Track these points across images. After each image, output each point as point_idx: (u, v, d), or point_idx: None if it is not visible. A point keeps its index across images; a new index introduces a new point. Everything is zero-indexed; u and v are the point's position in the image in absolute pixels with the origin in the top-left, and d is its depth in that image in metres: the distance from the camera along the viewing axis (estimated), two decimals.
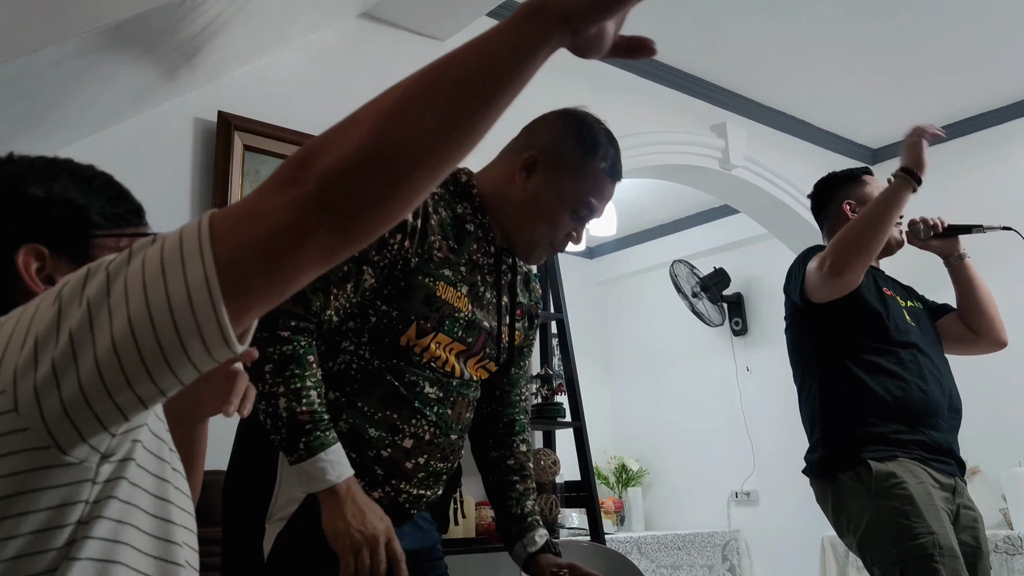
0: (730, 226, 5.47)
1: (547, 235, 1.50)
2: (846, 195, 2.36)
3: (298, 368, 1.32)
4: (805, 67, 4.05)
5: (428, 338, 1.42)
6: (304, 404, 1.31)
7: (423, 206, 1.41)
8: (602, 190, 1.50)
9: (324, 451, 1.30)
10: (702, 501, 5.46)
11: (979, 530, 2.12)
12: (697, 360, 5.64)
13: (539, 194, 1.48)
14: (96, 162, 2.61)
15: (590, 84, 3.72)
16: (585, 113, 1.55)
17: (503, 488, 1.68)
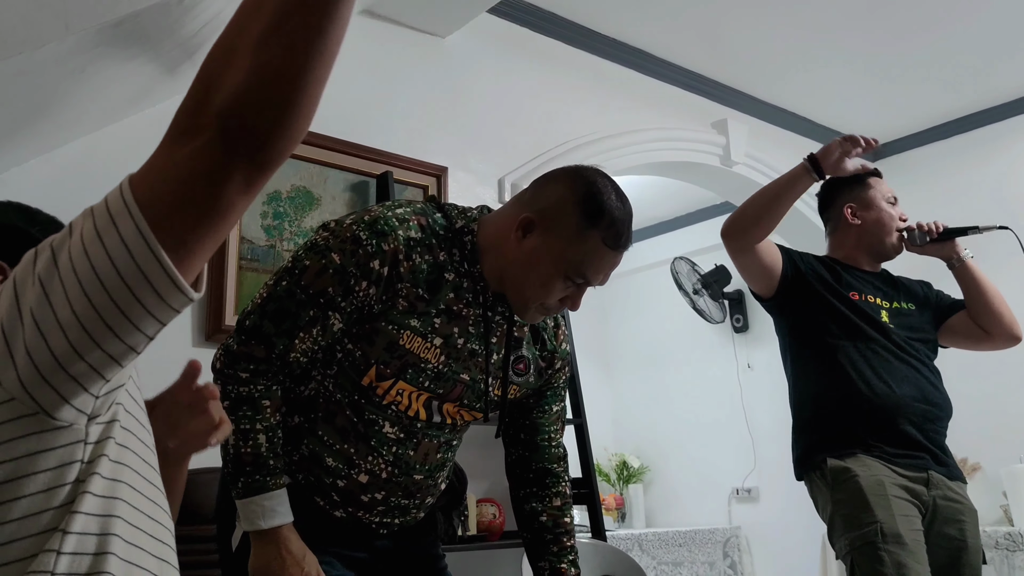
0: None
1: (538, 297, 1.43)
2: (849, 198, 2.37)
3: (250, 410, 1.35)
4: (806, 63, 4.04)
5: (388, 382, 1.41)
6: (249, 446, 1.34)
7: (393, 252, 1.36)
8: (599, 261, 1.42)
9: (260, 495, 1.33)
10: (703, 498, 5.46)
11: (966, 523, 2.11)
12: (698, 357, 5.64)
13: (532, 256, 1.41)
14: (98, 159, 2.62)
15: (591, 81, 3.72)
16: (597, 176, 1.45)
17: (536, 547, 1.62)
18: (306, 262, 1.36)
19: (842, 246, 2.39)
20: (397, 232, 1.37)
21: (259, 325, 1.36)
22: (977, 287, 2.34)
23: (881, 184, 2.39)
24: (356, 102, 3.01)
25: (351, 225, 1.37)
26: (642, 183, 4.98)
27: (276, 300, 1.36)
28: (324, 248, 1.36)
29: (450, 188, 3.14)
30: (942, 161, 4.69)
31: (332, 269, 1.34)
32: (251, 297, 2.57)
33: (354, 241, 1.35)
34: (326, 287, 1.34)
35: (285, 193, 2.74)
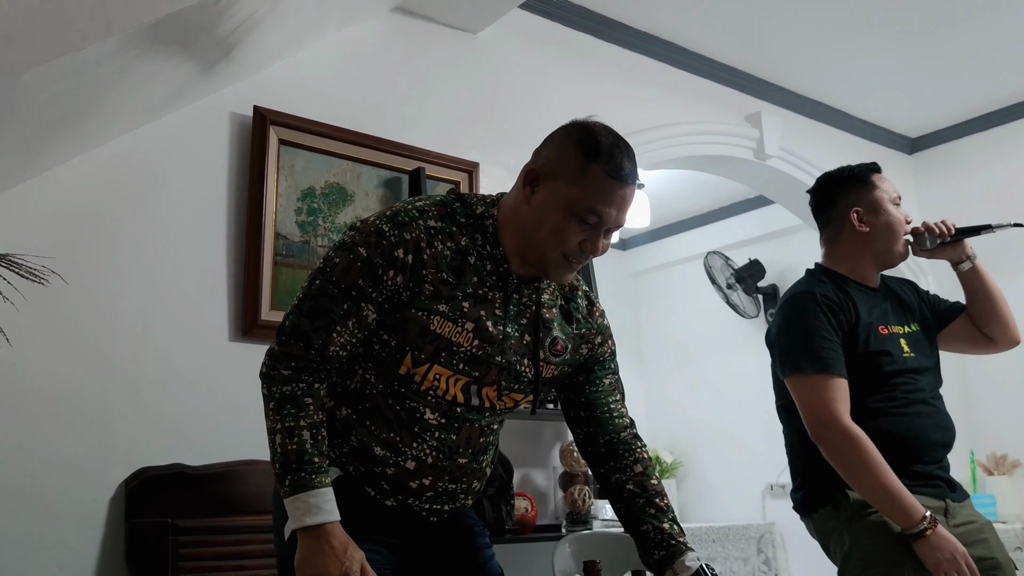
0: (765, 217, 5.42)
1: (556, 246, 1.44)
2: (854, 200, 2.15)
3: (294, 408, 1.39)
4: (841, 56, 4.00)
5: (424, 367, 1.46)
6: (294, 443, 1.37)
7: (415, 241, 1.42)
8: (607, 194, 1.42)
9: (306, 492, 1.36)
10: (737, 493, 5.43)
11: (988, 540, 2.03)
12: (731, 352, 5.60)
13: (543, 208, 1.44)
14: (138, 156, 2.68)
15: (623, 75, 3.71)
16: (588, 121, 1.51)
17: (632, 514, 1.59)
18: (336, 260, 1.43)
19: (847, 258, 2.17)
20: (418, 221, 1.45)
21: (297, 324, 1.42)
22: (987, 292, 2.19)
23: (884, 182, 2.18)
24: (389, 99, 3.04)
25: (374, 221, 1.45)
26: (675, 177, 4.96)
27: (311, 299, 1.42)
28: (351, 244, 1.44)
29: (481, 183, 3.15)
30: (979, 154, 4.61)
31: (360, 262, 1.41)
32: (287, 293, 2.61)
33: (377, 234, 1.43)
34: (356, 280, 1.41)
35: (319, 190, 2.77)
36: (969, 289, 2.22)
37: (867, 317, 2.06)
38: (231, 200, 2.65)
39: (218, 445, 2.43)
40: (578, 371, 1.63)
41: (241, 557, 2.33)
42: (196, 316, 2.52)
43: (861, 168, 2.20)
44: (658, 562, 1.54)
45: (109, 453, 2.30)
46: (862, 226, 2.13)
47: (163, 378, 2.43)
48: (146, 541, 2.23)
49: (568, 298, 1.62)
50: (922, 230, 2.17)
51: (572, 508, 3.05)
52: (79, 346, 2.33)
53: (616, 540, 2.72)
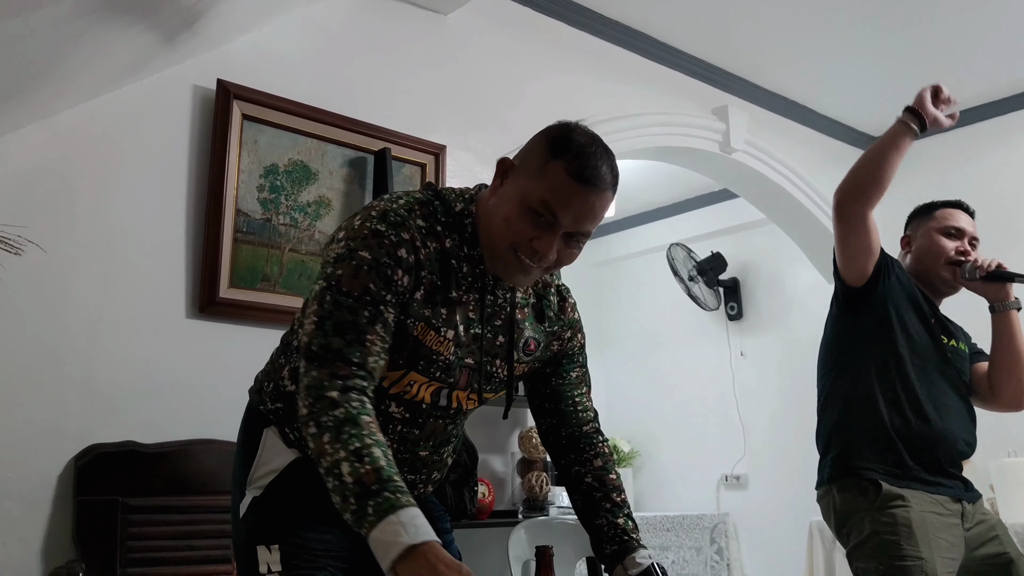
0: (729, 210, 5.46)
1: (505, 237, 1.37)
2: (914, 227, 2.36)
3: (353, 429, 1.23)
4: (809, 52, 4.03)
5: (399, 373, 1.41)
6: (367, 464, 1.20)
7: (411, 240, 1.36)
8: (562, 193, 1.34)
9: (394, 512, 1.17)
10: (692, 484, 5.49)
11: (1000, 536, 2.10)
12: (691, 344, 5.65)
13: (502, 196, 1.40)
14: (95, 127, 2.62)
15: (592, 63, 3.70)
16: (573, 123, 1.43)
17: (589, 507, 1.58)
18: (339, 272, 1.33)
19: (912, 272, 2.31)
20: (409, 221, 1.38)
21: (327, 344, 1.30)
22: (1012, 342, 2.23)
23: (948, 214, 2.30)
24: (356, 77, 3.00)
25: (363, 224, 1.36)
26: (641, 168, 4.97)
27: (329, 317, 1.31)
28: (349, 252, 1.34)
29: (448, 167, 3.13)
30: (940, 156, 4.68)
31: (366, 266, 1.33)
32: (247, 270, 2.57)
33: (375, 235, 1.34)
34: (367, 284, 1.32)
35: (283, 167, 2.73)
36: (996, 333, 2.26)
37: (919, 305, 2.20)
38: (191, 175, 2.60)
39: (171, 423, 2.39)
40: (546, 363, 1.62)
41: (192, 537, 2.30)
42: (153, 292, 2.48)
43: (936, 203, 2.36)
44: (610, 556, 1.54)
45: (59, 428, 2.25)
46: (906, 247, 2.35)
47: (117, 353, 2.38)
48: (95, 519, 2.18)
49: (540, 295, 1.58)
50: (966, 260, 2.24)
51: (529, 494, 3.05)
52: (30, 318, 2.27)
53: (571, 527, 2.73)
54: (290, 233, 2.72)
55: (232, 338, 2.56)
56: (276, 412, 1.48)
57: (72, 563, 2.07)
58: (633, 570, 1.49)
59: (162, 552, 2.24)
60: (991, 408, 2.33)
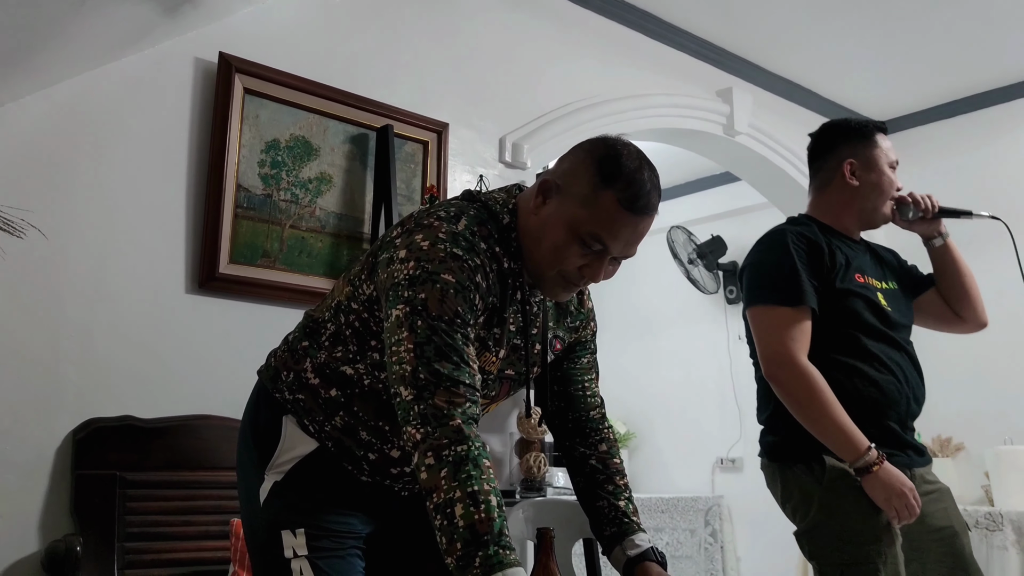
0: (730, 194, 5.44)
1: (553, 264, 1.37)
2: (851, 152, 2.13)
3: (474, 471, 1.18)
4: (815, 35, 4.00)
5: None
6: (482, 511, 1.16)
7: (482, 266, 1.32)
8: (615, 224, 1.33)
9: (503, 570, 1.14)
10: (687, 466, 5.51)
11: (947, 506, 2.03)
12: (689, 327, 5.65)
13: (547, 220, 1.36)
14: (96, 97, 2.59)
15: (597, 43, 3.67)
16: (618, 141, 1.40)
17: (591, 488, 1.59)
18: (422, 295, 1.28)
19: (831, 208, 2.16)
20: (478, 246, 1.34)
21: (435, 371, 1.24)
22: (958, 270, 2.20)
23: (886, 143, 2.15)
24: (359, 53, 2.97)
25: (435, 245, 1.31)
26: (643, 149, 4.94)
27: (428, 342, 1.26)
28: (428, 275, 1.29)
29: (451, 145, 3.11)
30: (946, 141, 4.66)
31: (452, 289, 1.28)
32: (246, 246, 2.55)
33: (455, 259, 1.30)
34: (456, 308, 1.28)
35: (284, 142, 2.71)
36: (939, 266, 2.22)
37: (843, 261, 2.04)
38: (192, 149, 2.57)
39: (170, 398, 2.39)
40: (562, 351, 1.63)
41: (190, 512, 2.30)
42: (152, 266, 2.46)
43: (867, 123, 2.18)
44: (609, 538, 1.55)
45: (57, 402, 2.24)
46: (852, 179, 2.11)
47: (116, 328, 2.37)
48: (92, 493, 2.18)
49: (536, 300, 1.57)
50: (908, 200, 2.15)
51: (527, 475, 3.05)
52: (29, 292, 2.26)
53: (569, 507, 2.73)
54: (291, 209, 2.70)
55: (232, 314, 2.55)
56: (296, 403, 1.46)
57: (70, 537, 2.07)
58: (631, 551, 1.51)
59: (160, 527, 2.24)
60: (961, 331, 2.27)
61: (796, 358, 1.90)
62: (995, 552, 3.54)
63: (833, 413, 1.87)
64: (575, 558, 2.97)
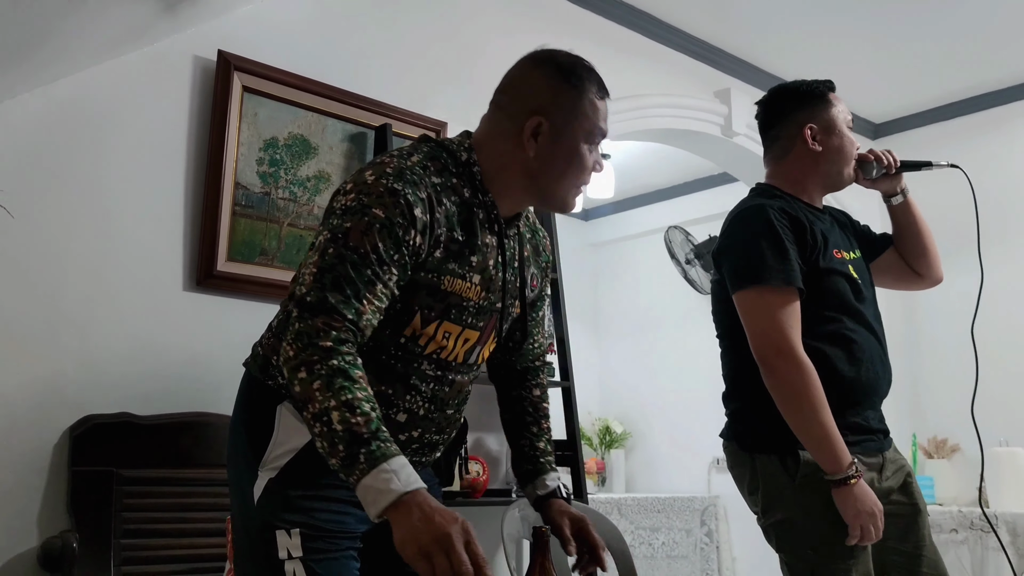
0: (728, 194, 5.42)
1: (580, 177, 1.49)
2: (809, 117, 2.04)
3: (346, 381, 1.24)
4: (812, 37, 4.01)
5: (433, 325, 1.42)
6: (359, 415, 1.22)
7: (429, 199, 1.36)
8: (599, 113, 1.50)
9: (386, 461, 1.20)
10: (683, 466, 5.51)
11: (911, 485, 2.00)
12: (687, 327, 5.65)
13: (557, 150, 1.45)
14: (94, 95, 2.59)
15: (595, 43, 3.67)
16: (553, 52, 1.53)
17: (516, 426, 1.70)
18: (347, 225, 1.32)
19: (794, 177, 2.07)
20: (425, 179, 1.38)
21: (323, 298, 1.29)
22: (918, 227, 2.14)
23: (840, 102, 2.08)
24: (358, 52, 2.97)
25: (379, 179, 1.35)
26: (640, 150, 4.95)
27: (330, 270, 1.30)
28: (361, 207, 1.33)
29: None
30: (941, 143, 4.67)
31: (378, 224, 1.32)
32: (244, 244, 2.56)
33: (391, 193, 1.33)
34: (376, 243, 1.31)
35: (282, 140, 2.71)
36: (900, 223, 2.17)
37: (822, 237, 1.97)
38: (190, 146, 2.57)
39: (167, 395, 2.39)
40: None
41: (186, 509, 2.30)
42: (150, 263, 2.46)
43: (818, 84, 2.09)
44: (524, 474, 1.67)
45: (55, 399, 2.24)
46: (815, 145, 2.03)
47: (114, 324, 2.37)
48: (89, 490, 2.18)
49: (533, 230, 1.63)
50: (869, 158, 2.09)
51: None
52: (27, 288, 2.26)
53: None
54: (289, 207, 2.70)
55: (229, 312, 2.56)
56: None
57: (66, 533, 2.07)
58: (541, 491, 1.63)
59: (156, 524, 2.24)
60: (918, 287, 2.25)
61: (795, 348, 1.84)
62: (990, 553, 3.55)
63: (823, 417, 1.82)
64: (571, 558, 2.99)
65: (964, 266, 2.52)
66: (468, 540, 1.21)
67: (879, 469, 1.95)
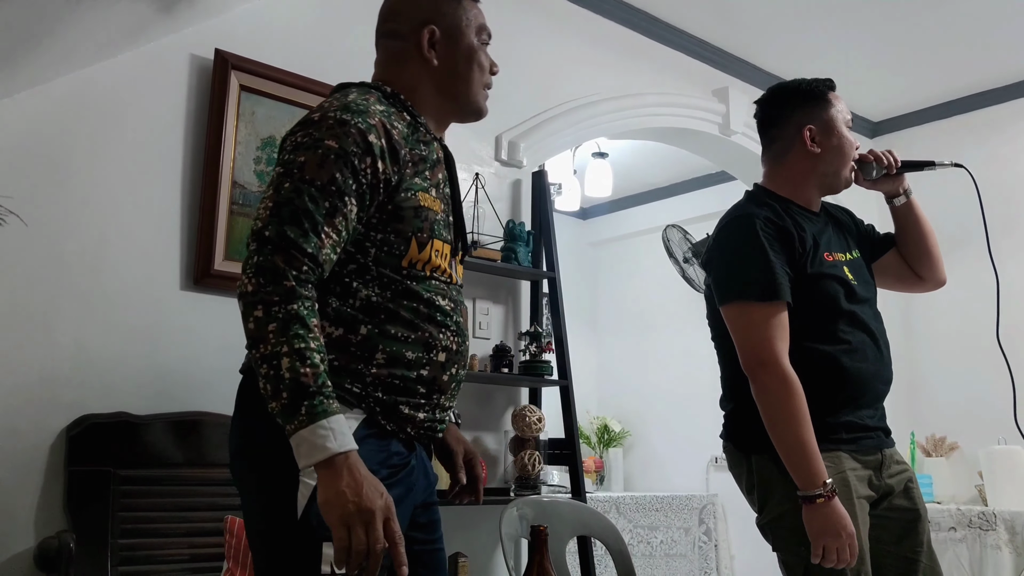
0: (725, 193, 5.44)
1: (484, 77, 1.57)
2: (809, 118, 2.00)
3: (302, 329, 1.24)
4: (811, 35, 4.01)
5: (428, 249, 1.43)
6: (308, 367, 1.22)
7: (380, 124, 1.37)
8: (479, 11, 1.58)
9: (326, 418, 1.21)
10: (682, 464, 5.51)
11: (913, 491, 1.99)
12: (684, 325, 5.64)
13: (456, 52, 1.53)
14: (91, 94, 2.59)
15: (591, 42, 3.67)
16: None
17: None
18: (300, 159, 1.32)
19: (792, 179, 2.04)
20: (371, 107, 1.40)
21: (282, 232, 1.27)
22: (921, 228, 2.11)
23: (840, 101, 2.04)
24: (355, 51, 2.94)
25: (327, 115, 1.37)
26: (638, 148, 4.95)
27: (287, 203, 1.29)
28: (313, 141, 1.34)
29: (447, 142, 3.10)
30: (939, 141, 4.68)
31: (333, 155, 1.32)
32: (242, 243, 2.55)
33: (341, 124, 1.35)
34: (333, 174, 1.31)
35: (279, 139, 2.71)
36: (902, 224, 2.14)
37: (811, 242, 1.95)
38: (188, 145, 2.57)
39: (164, 395, 2.38)
40: None
41: (184, 509, 2.30)
42: (147, 263, 2.46)
43: (818, 83, 2.05)
44: None
45: (51, 398, 2.24)
46: (814, 147, 1.99)
47: (110, 324, 2.37)
48: (86, 490, 2.18)
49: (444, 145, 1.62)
50: (870, 159, 2.06)
51: (521, 472, 3.06)
52: (23, 286, 2.25)
53: (563, 506, 2.74)
54: None
55: (226, 311, 2.55)
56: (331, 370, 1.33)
57: (63, 533, 2.06)
58: None
59: (154, 523, 2.24)
60: (920, 290, 2.23)
61: (779, 361, 1.84)
62: (988, 552, 3.55)
63: (801, 432, 1.80)
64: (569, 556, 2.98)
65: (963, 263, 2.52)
66: (388, 518, 1.23)
67: (877, 467, 1.94)
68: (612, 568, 2.63)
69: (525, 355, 3.15)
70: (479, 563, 2.97)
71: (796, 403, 1.82)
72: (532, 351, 3.14)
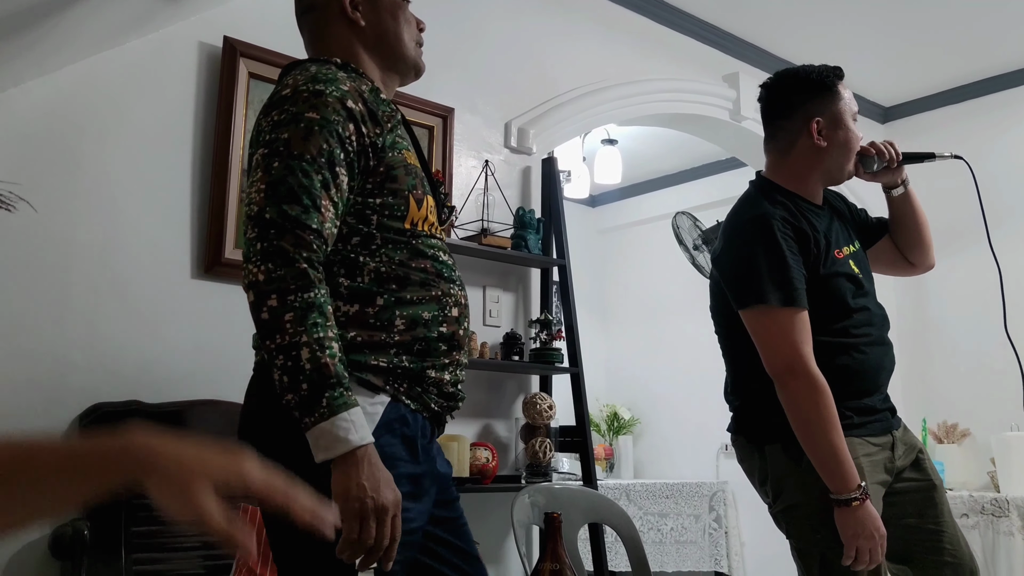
0: (736, 179, 5.39)
1: (410, 32, 1.57)
2: (816, 110, 1.97)
3: (320, 317, 1.22)
4: (820, 19, 3.97)
5: (424, 207, 1.43)
6: (328, 355, 1.20)
7: (353, 90, 1.36)
8: None
9: (347, 411, 1.20)
10: (692, 452, 5.51)
11: (924, 461, 2.00)
12: (694, 313, 5.59)
13: (381, 10, 1.52)
14: (98, 82, 2.58)
15: (601, 27, 3.65)
16: None
17: None
18: (284, 135, 1.30)
19: (796, 171, 2.02)
20: (338, 74, 1.38)
21: (282, 212, 1.25)
22: (917, 218, 2.12)
23: (847, 92, 2.02)
24: None
25: (299, 89, 1.34)
26: (648, 134, 4.92)
27: (281, 182, 1.26)
28: (293, 116, 1.31)
29: (456, 130, 3.09)
30: (950, 126, 4.64)
31: (316, 126, 1.30)
32: None
33: (316, 95, 1.33)
34: (320, 145, 1.29)
35: None
36: (899, 214, 2.14)
37: (824, 241, 1.94)
38: (197, 133, 2.56)
39: (176, 383, 2.39)
40: None
41: None
42: (157, 251, 2.46)
43: (827, 73, 2.01)
44: None
45: (63, 387, 2.25)
46: (820, 140, 1.97)
47: (121, 312, 2.37)
48: None
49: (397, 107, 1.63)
50: (871, 152, 2.04)
51: (533, 460, 3.06)
52: (34, 277, 2.26)
53: (575, 493, 2.74)
54: None
55: (237, 299, 2.53)
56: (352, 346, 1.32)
57: (77, 521, 2.07)
58: None
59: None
60: (909, 275, 2.27)
61: (807, 366, 1.83)
62: (1001, 538, 3.54)
63: (834, 438, 1.80)
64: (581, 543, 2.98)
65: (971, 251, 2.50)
66: (395, 515, 1.23)
67: (891, 447, 1.95)
68: (623, 555, 2.63)
69: (536, 343, 3.14)
70: (490, 550, 2.98)
71: (828, 409, 1.82)
72: (543, 339, 3.14)
